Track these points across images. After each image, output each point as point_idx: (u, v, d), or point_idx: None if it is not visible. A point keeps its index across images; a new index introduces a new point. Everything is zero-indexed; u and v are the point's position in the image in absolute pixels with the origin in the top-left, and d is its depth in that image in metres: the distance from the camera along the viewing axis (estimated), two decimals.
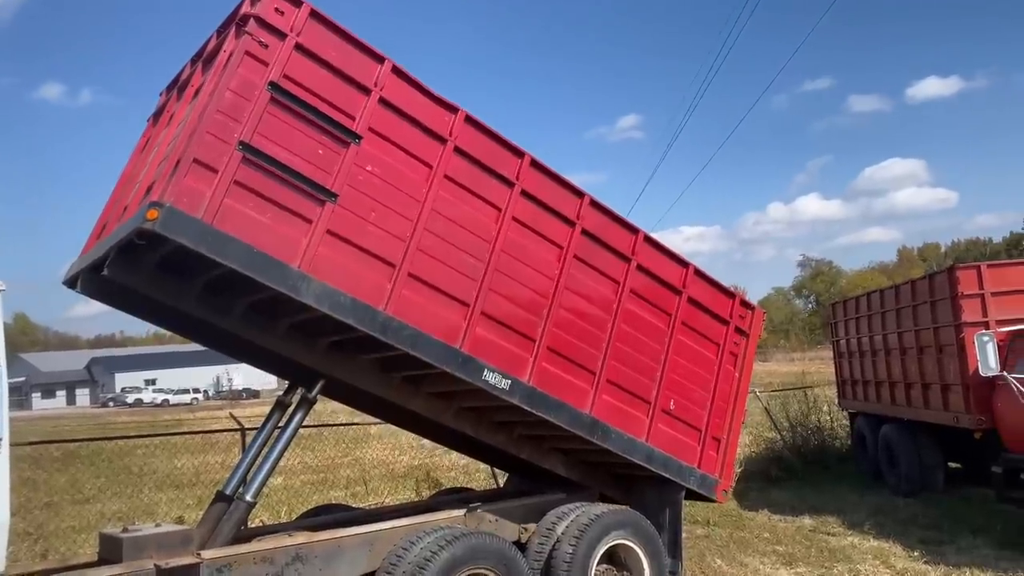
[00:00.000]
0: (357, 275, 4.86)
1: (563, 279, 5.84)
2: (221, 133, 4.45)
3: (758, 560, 7.98)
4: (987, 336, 8.18)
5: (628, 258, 6.28)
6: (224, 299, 5.27)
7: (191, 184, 4.32)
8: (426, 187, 5.21)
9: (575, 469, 6.81)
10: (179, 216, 4.24)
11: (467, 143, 5.44)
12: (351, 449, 18.84)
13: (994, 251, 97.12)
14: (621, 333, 6.15)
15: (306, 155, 4.74)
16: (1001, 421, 8.65)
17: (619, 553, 6.19)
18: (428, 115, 5.30)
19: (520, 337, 5.59)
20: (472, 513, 5.99)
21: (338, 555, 5.29)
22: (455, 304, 5.28)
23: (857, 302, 13.11)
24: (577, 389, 5.84)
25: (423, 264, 5.14)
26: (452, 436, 7.40)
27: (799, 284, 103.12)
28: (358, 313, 4.81)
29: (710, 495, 6.69)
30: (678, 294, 6.59)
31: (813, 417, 14.89)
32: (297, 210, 4.68)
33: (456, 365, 5.21)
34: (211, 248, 4.33)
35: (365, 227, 4.92)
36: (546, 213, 5.84)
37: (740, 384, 7.03)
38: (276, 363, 6.23)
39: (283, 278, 4.56)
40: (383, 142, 5.08)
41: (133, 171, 5.81)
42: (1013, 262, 10.52)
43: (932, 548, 8.02)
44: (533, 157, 5.74)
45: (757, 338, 7.25)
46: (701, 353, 6.74)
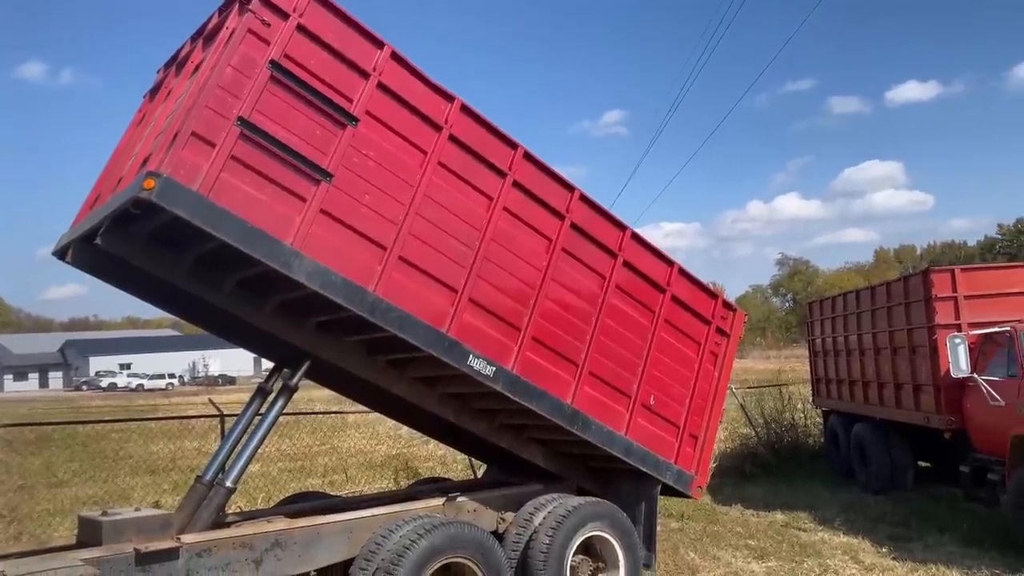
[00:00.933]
0: (349, 255, 4.92)
1: (550, 271, 5.92)
2: (220, 108, 4.50)
3: (730, 554, 8.11)
4: (959, 338, 8.35)
5: (615, 254, 6.36)
6: (215, 274, 5.31)
7: (189, 157, 4.36)
8: (420, 173, 5.28)
9: (554, 460, 6.88)
10: (175, 187, 4.28)
11: (462, 132, 5.51)
12: (329, 437, 18.86)
13: (968, 255, 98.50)
14: (605, 327, 6.23)
15: (303, 134, 4.80)
16: (970, 422, 8.85)
17: (595, 544, 6.27)
18: (425, 102, 5.36)
19: (506, 325, 5.66)
20: (451, 503, 6.06)
21: (317, 541, 5.34)
22: (444, 289, 5.35)
23: (833, 302, 13.29)
24: (560, 380, 5.92)
25: (414, 248, 5.21)
26: (433, 424, 7.48)
27: (777, 282, 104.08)
28: (348, 293, 4.87)
29: (686, 491, 6.79)
30: (662, 292, 6.68)
31: (788, 414, 15.06)
32: (292, 188, 4.73)
33: (442, 349, 5.27)
34: (206, 220, 4.38)
35: (358, 209, 4.99)
36: (536, 205, 5.92)
37: (719, 384, 7.13)
38: (262, 344, 6.29)
39: (276, 254, 4.62)
40: (379, 126, 5.15)
41: (128, 145, 5.82)
42: (986, 266, 10.72)
43: (900, 545, 8.18)
44: (526, 149, 5.83)
45: (738, 339, 7.36)
46: (682, 351, 6.83)
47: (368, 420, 19.86)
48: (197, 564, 4.85)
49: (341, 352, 5.85)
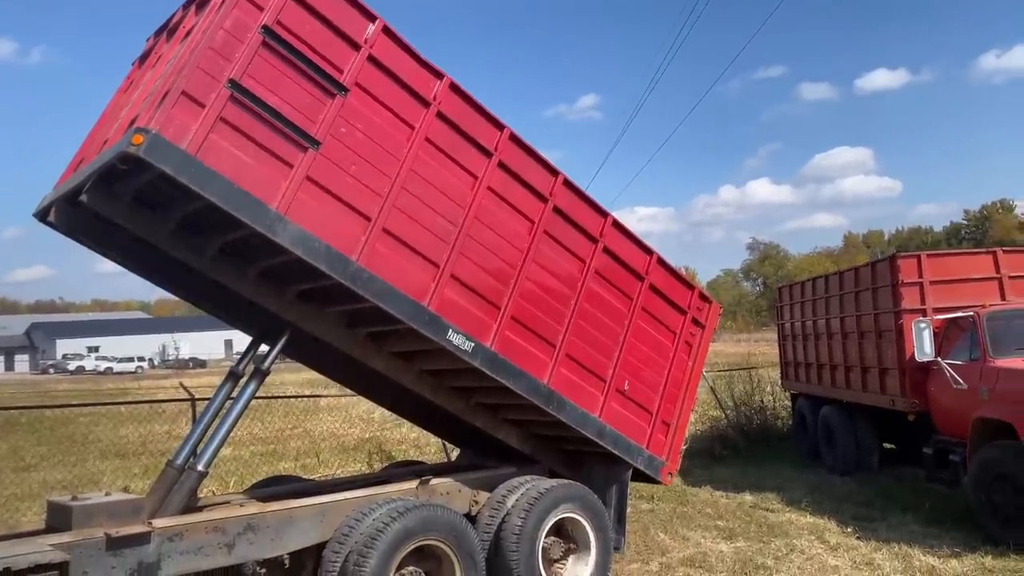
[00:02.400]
0: (333, 224, 4.94)
1: (532, 252, 5.97)
2: (211, 69, 4.51)
3: (700, 534, 8.24)
4: (924, 323, 8.52)
5: (596, 239, 6.42)
6: (198, 238, 5.32)
7: (178, 115, 4.37)
8: (407, 147, 5.31)
9: (527, 442, 6.94)
10: (164, 144, 4.29)
11: (450, 109, 5.55)
12: (301, 421, 18.80)
13: (935, 240, 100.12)
14: (583, 311, 6.29)
15: (292, 101, 4.82)
16: (933, 404, 9.05)
17: (567, 526, 6.34)
18: (414, 77, 5.39)
19: (486, 303, 5.71)
20: (424, 485, 6.09)
21: (290, 525, 5.34)
22: (426, 264, 5.38)
23: (802, 287, 13.46)
24: (537, 360, 5.97)
25: (398, 221, 5.23)
26: (408, 405, 7.54)
27: (748, 267, 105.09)
28: (331, 261, 4.89)
29: (656, 476, 6.87)
30: (640, 280, 6.75)
31: (757, 397, 15.30)
32: (279, 153, 4.75)
33: (422, 322, 5.30)
34: (193, 179, 4.39)
35: (344, 178, 5.01)
36: (521, 186, 5.96)
37: (692, 373, 7.21)
38: (241, 315, 6.33)
39: (261, 217, 4.63)
40: (368, 98, 5.17)
41: (114, 110, 5.81)
42: (951, 252, 10.91)
43: (864, 524, 8.35)
44: (512, 131, 5.88)
45: (712, 331, 7.43)
46: (658, 339, 6.90)
47: (341, 404, 19.83)
48: (169, 549, 4.82)
49: (321, 323, 5.88)
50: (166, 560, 4.80)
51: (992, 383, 7.78)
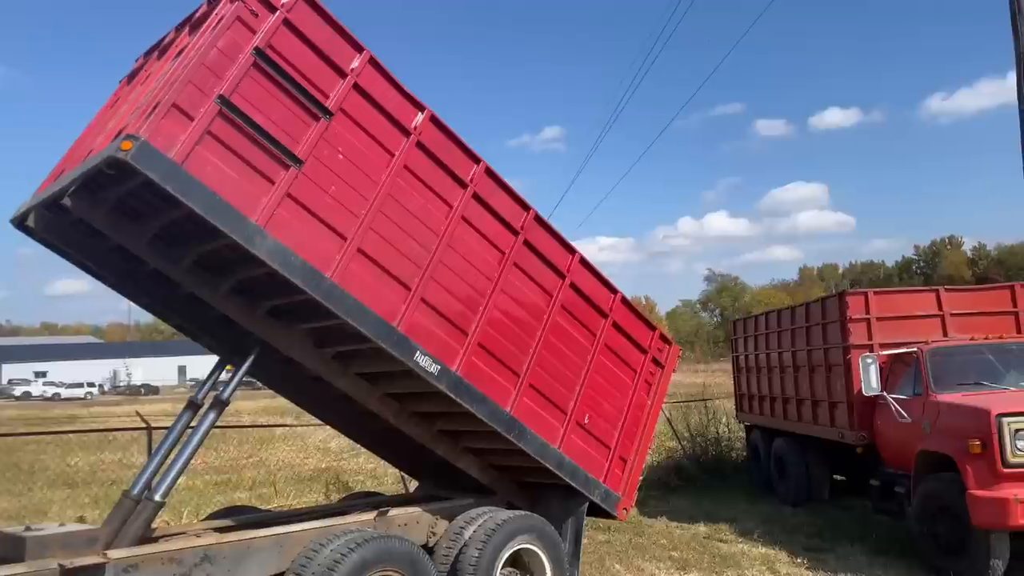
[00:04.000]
0: (309, 241, 5.06)
1: (501, 282, 6.13)
2: (203, 85, 4.66)
3: (654, 565, 8.35)
4: (870, 358, 8.80)
5: (563, 275, 6.62)
6: (176, 248, 5.43)
7: (167, 126, 4.50)
8: (386, 173, 5.49)
9: (486, 473, 7.01)
10: (151, 151, 4.40)
11: (429, 140, 5.75)
12: (256, 450, 18.58)
13: (887, 274, 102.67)
14: (548, 343, 6.44)
15: (278, 121, 4.99)
16: (880, 437, 9.32)
17: (523, 557, 6.40)
18: (397, 107, 5.60)
19: (454, 328, 5.83)
20: (382, 517, 6.12)
21: (247, 556, 5.32)
22: (398, 286, 5.51)
23: (756, 320, 13.78)
24: (501, 387, 6.09)
25: (373, 243, 5.38)
26: (368, 433, 7.65)
27: (705, 298, 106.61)
28: (306, 276, 5.00)
29: (611, 511, 6.97)
30: (604, 317, 6.94)
31: (712, 428, 15.52)
32: (262, 169, 4.89)
33: (391, 342, 5.40)
34: (177, 187, 4.49)
35: (324, 198, 5.16)
36: (493, 218, 6.15)
37: (651, 411, 7.37)
38: (211, 332, 6.42)
39: (241, 229, 4.74)
40: (352, 124, 5.35)
41: (99, 124, 5.91)
42: (897, 290, 11.28)
43: (814, 555, 8.54)
44: (488, 165, 6.10)
45: (671, 372, 7.62)
46: (619, 376, 7.06)
47: (296, 433, 19.65)
48: None
49: (290, 340, 5.96)
50: None
51: (934, 417, 8.05)
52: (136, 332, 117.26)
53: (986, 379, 8.39)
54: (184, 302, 6.16)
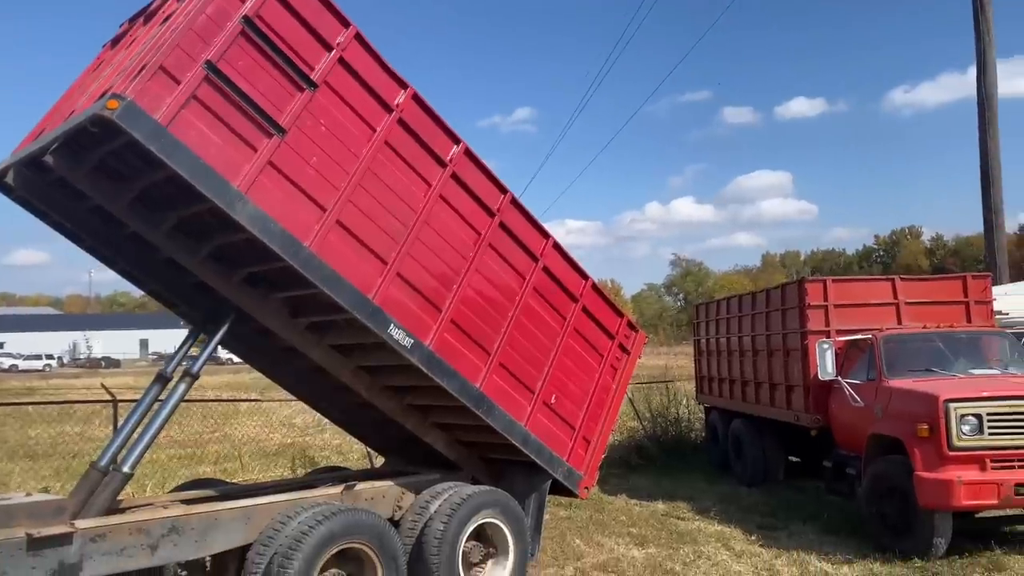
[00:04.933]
0: (290, 209, 5.14)
1: (476, 262, 6.26)
2: (190, 50, 4.73)
3: (614, 541, 8.57)
4: (827, 344, 9.06)
5: (537, 258, 6.76)
6: (156, 211, 5.48)
7: (153, 88, 4.56)
8: (367, 147, 5.58)
9: (453, 448, 7.14)
10: (137, 111, 4.46)
11: (411, 118, 5.85)
12: (220, 425, 18.49)
13: (847, 262, 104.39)
14: (519, 324, 6.59)
15: (263, 89, 5.07)
16: (834, 420, 9.62)
17: (487, 531, 6.56)
18: (380, 84, 5.69)
19: (428, 304, 5.94)
20: (349, 491, 6.23)
21: (215, 527, 5.40)
22: (375, 259, 5.61)
23: (718, 305, 14.04)
24: (471, 364, 6.22)
25: (352, 216, 5.47)
26: (338, 408, 7.77)
27: (670, 282, 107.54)
28: (285, 243, 5.08)
29: (573, 489, 7.14)
30: (575, 301, 7.10)
31: (673, 410, 15.81)
32: (246, 136, 4.97)
33: (366, 313, 5.50)
34: (161, 148, 4.55)
35: (305, 168, 5.24)
36: (471, 199, 6.27)
37: (615, 395, 7.55)
38: (186, 299, 6.53)
39: (222, 193, 4.82)
40: (336, 97, 5.43)
41: (81, 86, 5.93)
42: (854, 279, 11.58)
43: (768, 533, 8.83)
44: (468, 146, 6.20)
45: (636, 358, 7.81)
46: (586, 360, 7.23)
47: (261, 408, 19.58)
48: (91, 550, 4.85)
49: (265, 309, 6.04)
50: (88, 561, 4.83)
51: (886, 402, 8.34)
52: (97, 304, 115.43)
53: (936, 366, 8.71)
54: (160, 267, 6.26)
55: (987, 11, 16.10)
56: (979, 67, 16.24)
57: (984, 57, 16.13)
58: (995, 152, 16.05)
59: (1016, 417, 7.33)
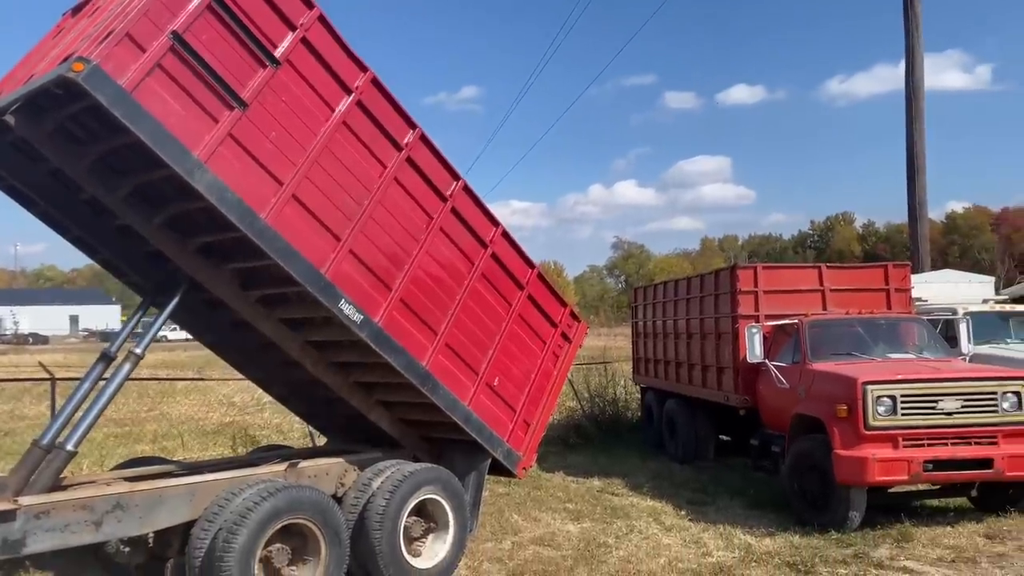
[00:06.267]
0: (248, 181, 5.27)
1: (426, 245, 6.44)
2: (157, 20, 4.85)
3: (550, 516, 8.87)
4: (755, 328, 9.48)
5: (486, 245, 6.97)
6: (115, 177, 5.56)
7: (119, 54, 4.65)
8: (325, 126, 5.73)
9: (395, 426, 7.31)
10: (102, 75, 4.53)
11: (369, 101, 6.01)
12: (156, 403, 18.30)
13: (783, 247, 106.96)
14: (466, 307, 6.79)
15: (227, 64, 5.19)
16: (761, 401, 10.08)
17: (428, 507, 6.75)
18: (341, 65, 5.84)
19: (379, 282, 6.10)
20: (293, 468, 6.36)
21: (159, 504, 5.49)
22: (328, 236, 5.74)
23: (655, 289, 14.44)
24: (418, 343, 6.40)
25: (307, 191, 5.61)
26: (284, 385, 7.91)
27: (612, 264, 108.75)
28: (241, 213, 5.20)
29: (512, 469, 7.37)
30: (521, 289, 7.34)
31: (610, 390, 16.21)
32: (208, 107, 5.08)
33: (318, 287, 5.64)
34: (124, 113, 4.64)
35: (264, 142, 5.37)
36: (424, 184, 6.45)
37: (556, 381, 7.82)
38: (136, 268, 6.65)
39: (182, 160, 4.92)
40: (297, 76, 5.58)
41: (41, 50, 5.94)
42: (783, 265, 12.10)
43: (697, 508, 9.23)
44: (423, 132, 6.37)
45: (578, 347, 8.09)
46: (529, 345, 7.47)
47: (198, 387, 19.41)
48: (35, 526, 4.90)
49: (218, 280, 6.13)
50: (31, 537, 4.88)
51: (809, 384, 8.80)
52: (23, 278, 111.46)
53: (857, 350, 9.21)
54: (113, 236, 6.36)
55: (916, 8, 16.75)
56: (907, 63, 16.91)
57: (912, 53, 16.80)
58: (921, 146, 16.78)
59: (926, 399, 7.83)
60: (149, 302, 6.58)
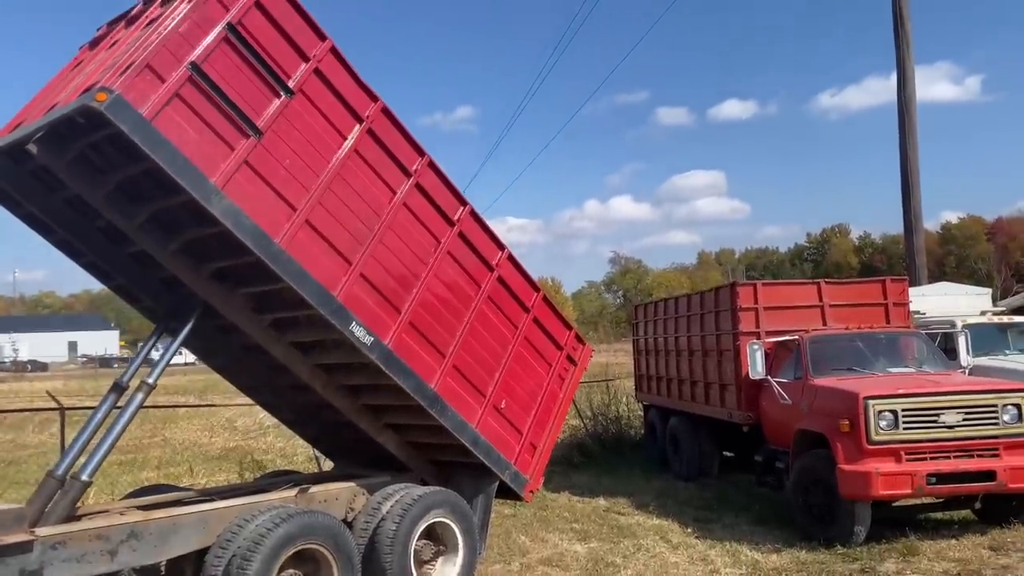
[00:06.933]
0: (262, 207, 5.43)
1: (435, 268, 6.58)
2: (176, 51, 5.03)
3: (557, 536, 8.90)
4: (757, 345, 9.57)
5: (492, 268, 7.10)
6: (132, 204, 5.70)
7: (140, 84, 4.84)
8: (337, 153, 5.90)
9: (403, 449, 7.37)
10: (124, 105, 4.71)
11: (380, 129, 6.20)
12: (159, 429, 18.29)
13: (780, 260, 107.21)
14: (474, 330, 6.90)
15: (243, 93, 5.38)
16: (764, 417, 10.14)
17: (437, 530, 6.80)
18: (352, 95, 6.03)
19: (389, 305, 6.22)
20: (303, 493, 6.43)
21: (173, 532, 5.55)
22: (340, 259, 5.89)
23: (656, 306, 14.53)
24: (427, 365, 6.49)
25: (320, 216, 5.77)
26: (292, 409, 8.01)
27: (609, 279, 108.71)
28: (256, 237, 5.34)
29: (519, 492, 7.42)
30: (527, 312, 7.44)
31: (613, 408, 16.26)
32: (224, 135, 5.25)
33: (330, 310, 5.76)
34: (145, 140, 4.81)
35: (278, 169, 5.54)
36: (432, 208, 6.60)
37: (562, 404, 7.88)
38: (150, 294, 6.81)
39: (200, 186, 5.08)
40: (310, 105, 5.76)
41: (60, 82, 6.12)
42: (783, 282, 12.21)
43: (703, 525, 9.27)
44: (432, 159, 6.56)
45: (583, 370, 8.17)
46: (535, 368, 7.56)
47: (200, 412, 19.41)
48: (51, 556, 4.96)
49: (231, 304, 6.25)
50: (48, 567, 4.94)
51: (811, 399, 8.87)
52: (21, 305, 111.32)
53: (857, 365, 9.29)
54: (128, 262, 6.52)
55: (906, 26, 16.96)
56: (899, 79, 17.10)
57: (904, 69, 16.99)
58: (914, 159, 16.93)
59: (927, 412, 7.91)
60: (162, 328, 6.70)
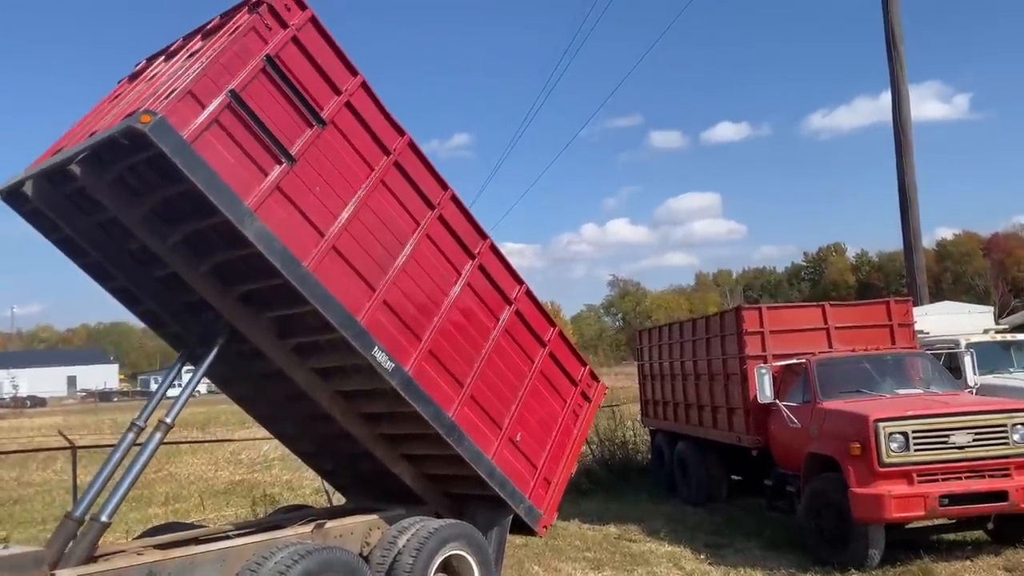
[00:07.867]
0: (293, 231, 5.60)
1: (456, 299, 6.68)
2: (217, 79, 5.26)
3: (571, 566, 8.88)
4: (764, 368, 9.61)
5: (511, 301, 7.18)
6: (166, 226, 5.87)
7: (182, 109, 5.04)
8: (365, 183, 6.09)
9: (419, 481, 7.37)
10: (167, 127, 4.91)
11: (406, 162, 6.39)
12: (163, 464, 18.22)
13: (777, 279, 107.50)
14: (491, 362, 6.95)
15: (278, 122, 5.59)
16: (773, 441, 10.15)
17: (453, 563, 6.77)
18: (381, 128, 6.25)
19: (410, 333, 6.31)
20: (319, 529, 6.42)
21: (191, 571, 5.55)
22: (364, 286, 6.02)
23: (660, 331, 14.57)
24: (446, 394, 6.54)
25: (347, 243, 5.92)
26: (310, 438, 8.08)
27: (609, 302, 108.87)
28: (285, 261, 5.49)
29: (533, 526, 7.38)
30: (543, 346, 7.50)
31: (619, 433, 16.24)
32: (259, 161, 5.47)
33: (353, 334, 5.86)
34: (184, 162, 5.00)
35: (308, 196, 5.72)
36: (454, 241, 6.74)
37: (576, 440, 7.89)
38: (176, 318, 6.93)
39: (234, 208, 5.26)
40: (340, 136, 5.98)
41: (99, 113, 6.35)
42: (787, 305, 12.26)
43: (715, 551, 9.25)
44: (455, 193, 6.74)
45: (597, 407, 8.20)
46: (551, 403, 7.58)
47: (204, 447, 19.35)
48: None
49: (256, 327, 6.36)
50: None
51: (820, 422, 8.89)
52: (19, 340, 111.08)
53: (865, 387, 9.31)
54: (155, 286, 6.66)
55: (899, 47, 17.19)
56: (894, 99, 17.29)
57: (899, 90, 17.20)
58: (911, 179, 17.08)
59: (938, 433, 7.93)
60: (187, 354, 6.81)
